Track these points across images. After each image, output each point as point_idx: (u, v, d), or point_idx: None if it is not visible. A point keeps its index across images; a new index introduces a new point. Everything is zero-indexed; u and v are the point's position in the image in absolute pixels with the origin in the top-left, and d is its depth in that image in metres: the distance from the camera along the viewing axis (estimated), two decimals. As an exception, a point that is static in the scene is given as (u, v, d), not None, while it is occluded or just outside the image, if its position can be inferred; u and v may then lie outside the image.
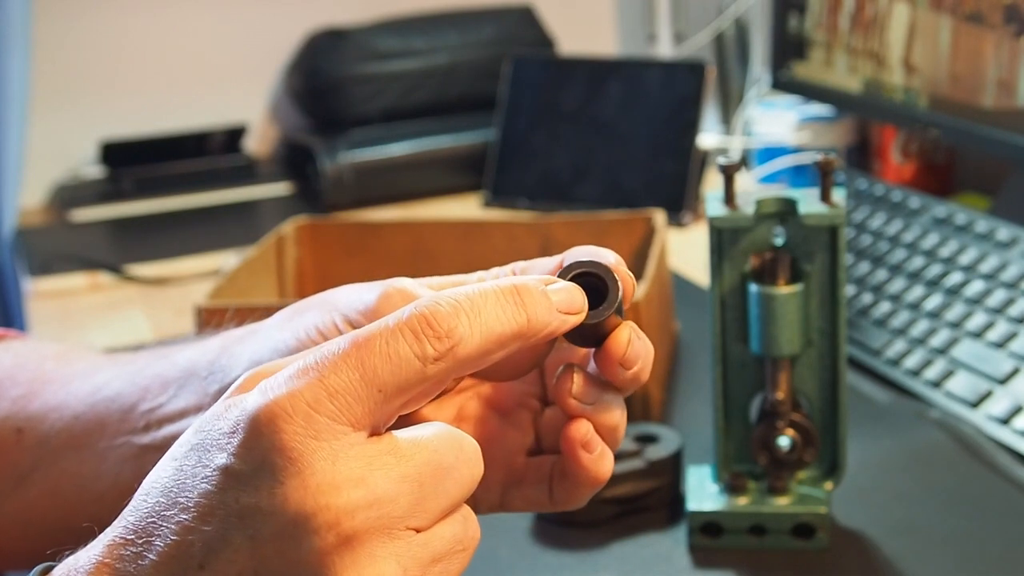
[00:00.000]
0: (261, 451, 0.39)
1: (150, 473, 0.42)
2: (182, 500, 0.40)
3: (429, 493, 0.41)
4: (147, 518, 0.41)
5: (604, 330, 0.48)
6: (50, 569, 0.43)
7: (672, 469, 0.77)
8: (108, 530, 0.42)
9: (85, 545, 0.57)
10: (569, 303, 0.45)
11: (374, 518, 0.40)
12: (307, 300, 0.56)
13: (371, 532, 0.40)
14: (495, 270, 0.53)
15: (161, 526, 0.40)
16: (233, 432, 0.40)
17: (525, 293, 0.44)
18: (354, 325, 0.52)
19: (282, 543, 0.39)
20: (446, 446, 0.42)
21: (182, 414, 0.57)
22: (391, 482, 0.40)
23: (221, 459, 0.40)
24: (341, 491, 0.39)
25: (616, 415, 0.50)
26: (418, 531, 0.41)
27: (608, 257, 0.49)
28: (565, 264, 0.48)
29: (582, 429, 0.49)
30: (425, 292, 0.52)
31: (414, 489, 0.40)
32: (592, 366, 0.50)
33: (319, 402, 0.40)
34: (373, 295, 0.52)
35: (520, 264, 0.52)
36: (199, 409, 0.57)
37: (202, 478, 0.40)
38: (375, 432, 0.41)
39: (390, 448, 0.41)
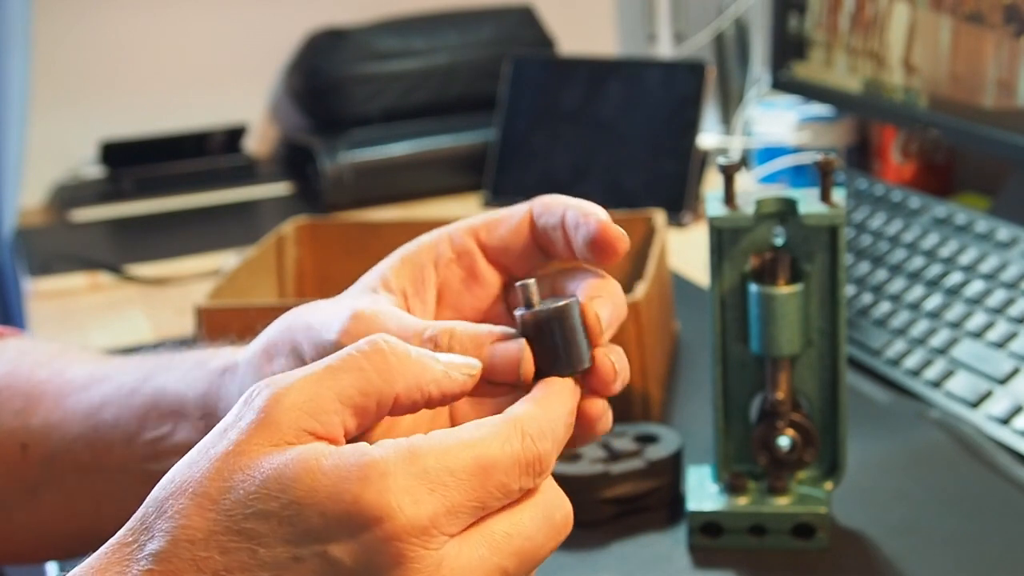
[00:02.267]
0: (370, 548, 0.41)
1: (166, 506, 0.42)
2: (253, 569, 0.41)
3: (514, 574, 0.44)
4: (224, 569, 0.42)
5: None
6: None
7: (672, 469, 0.77)
8: (133, 550, 0.42)
9: (95, 548, 0.57)
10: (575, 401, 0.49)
11: None
12: (278, 334, 0.56)
13: None
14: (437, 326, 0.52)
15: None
16: (343, 516, 0.41)
17: (573, 410, 0.49)
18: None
19: None
20: (536, 530, 0.45)
21: (187, 446, 0.57)
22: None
23: (320, 547, 0.41)
24: None
25: (598, 407, 0.52)
26: None
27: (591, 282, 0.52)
28: (530, 315, 0.49)
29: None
30: (388, 321, 0.52)
31: None
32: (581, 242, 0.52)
33: (437, 517, 0.42)
34: (334, 334, 0.52)
35: (452, 325, 0.52)
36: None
37: (291, 558, 0.41)
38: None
39: (485, 542, 0.44)
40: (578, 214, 0.53)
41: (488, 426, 0.44)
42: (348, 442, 0.44)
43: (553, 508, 0.46)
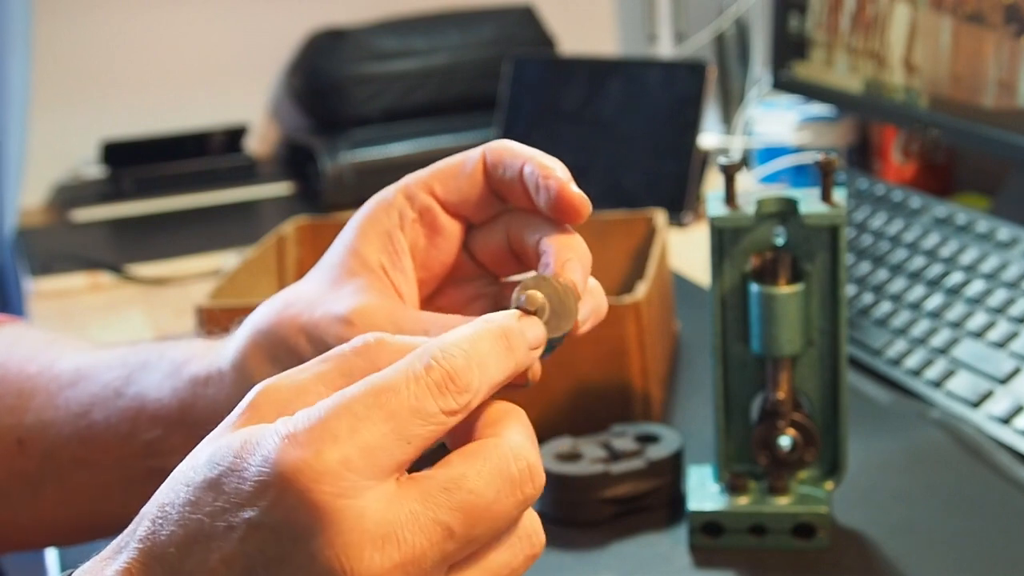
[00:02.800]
0: (288, 507, 0.39)
1: (158, 494, 0.42)
2: (209, 543, 0.40)
3: (463, 540, 0.41)
4: (172, 548, 0.41)
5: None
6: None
7: (672, 469, 0.77)
8: (123, 551, 0.42)
9: (103, 535, 0.57)
10: (538, 339, 0.47)
11: (403, 574, 0.40)
12: (272, 330, 0.56)
13: None
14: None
15: (189, 560, 0.40)
16: (262, 486, 0.40)
17: (512, 338, 0.45)
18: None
19: None
20: (490, 485, 0.41)
21: (184, 447, 0.58)
22: (420, 537, 0.40)
23: (248, 512, 0.40)
24: (368, 552, 0.39)
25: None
26: (454, 568, 0.41)
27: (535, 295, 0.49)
28: (522, 283, 0.49)
29: None
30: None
31: (445, 539, 0.40)
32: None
33: (349, 460, 0.39)
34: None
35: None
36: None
37: (226, 525, 0.40)
38: (400, 476, 0.41)
39: (419, 495, 0.40)
40: (537, 173, 0.52)
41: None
42: None
43: (507, 459, 0.42)
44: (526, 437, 0.43)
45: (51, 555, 0.81)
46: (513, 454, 0.42)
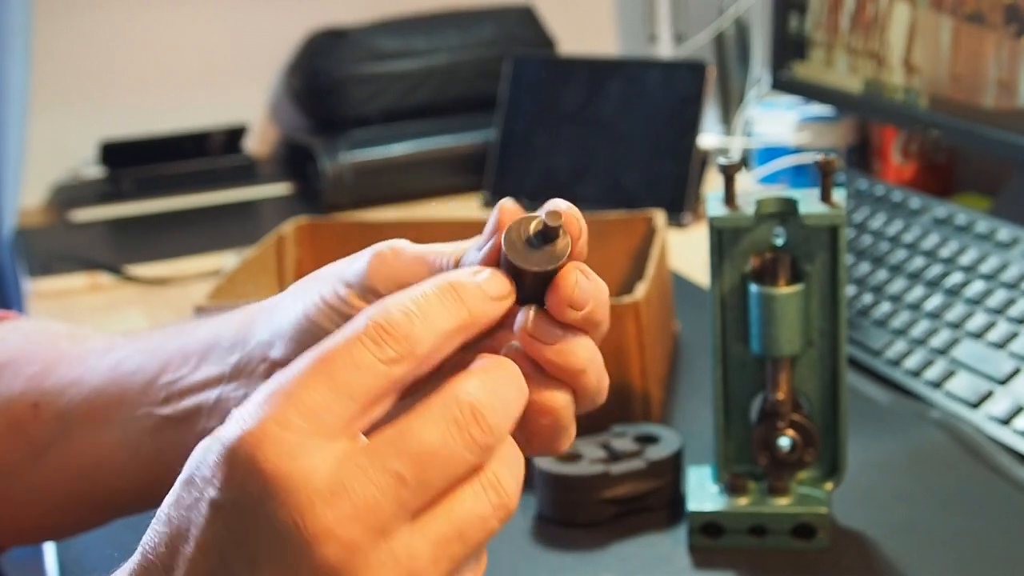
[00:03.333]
0: (241, 480, 0.40)
1: (166, 498, 0.43)
2: (188, 535, 0.41)
3: (416, 485, 0.41)
4: (162, 548, 0.42)
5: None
6: None
7: (672, 469, 0.77)
8: (130, 560, 0.43)
9: (101, 518, 0.58)
10: (498, 289, 0.47)
11: (359, 529, 0.40)
12: (317, 272, 0.57)
13: (361, 541, 0.40)
14: (451, 245, 0.54)
15: (176, 559, 0.41)
16: (215, 465, 0.41)
17: (461, 289, 0.45)
18: (352, 287, 0.54)
19: (279, 568, 0.40)
20: (433, 429, 0.41)
21: (204, 385, 0.58)
22: (371, 488, 0.40)
23: (209, 493, 0.41)
24: (320, 507, 0.39)
25: (581, 357, 0.49)
26: (417, 516, 0.41)
27: (560, 204, 0.49)
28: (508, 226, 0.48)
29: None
30: (416, 250, 0.54)
31: (398, 486, 0.40)
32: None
33: (289, 422, 0.40)
34: (367, 255, 0.54)
35: (464, 244, 0.52)
36: (220, 380, 0.57)
37: (197, 514, 0.41)
38: (354, 440, 0.41)
39: (367, 450, 0.41)
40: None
41: None
42: None
43: (450, 404, 0.42)
44: (481, 383, 0.43)
45: (50, 555, 0.81)
46: (456, 399, 0.42)
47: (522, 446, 0.46)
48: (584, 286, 0.48)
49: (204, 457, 0.41)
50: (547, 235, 0.48)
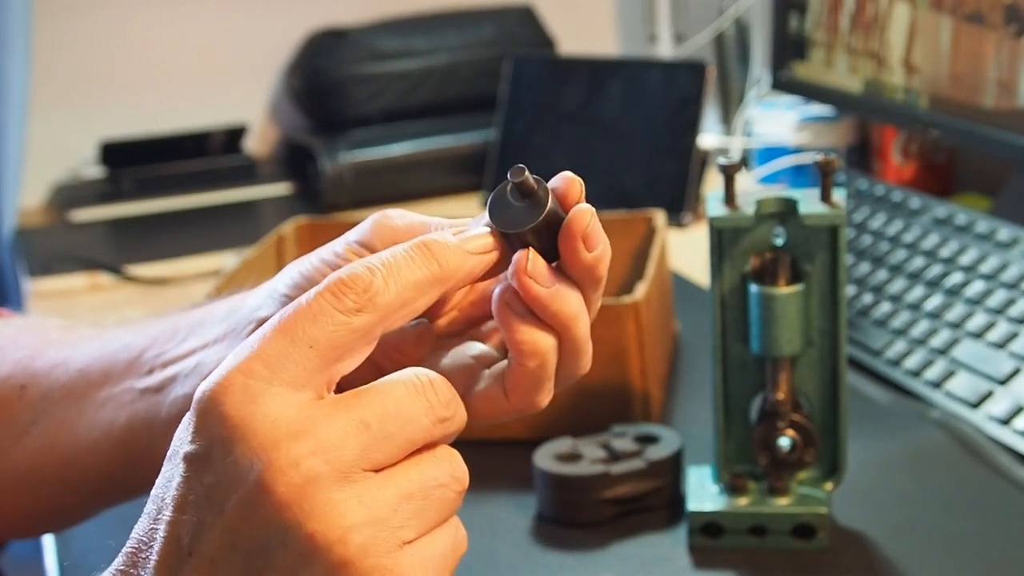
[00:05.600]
0: (209, 429, 0.42)
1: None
2: (167, 499, 0.43)
3: (379, 434, 0.42)
4: (148, 525, 0.43)
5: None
6: None
7: (672, 469, 0.77)
8: (124, 548, 0.45)
9: (84, 505, 0.60)
10: (476, 244, 0.48)
11: (322, 464, 0.41)
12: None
13: (324, 478, 0.41)
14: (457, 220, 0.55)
15: (157, 529, 0.43)
16: (188, 421, 0.43)
17: (431, 244, 0.47)
18: (351, 244, 0.57)
19: (245, 508, 0.41)
20: (396, 388, 0.43)
21: (188, 353, 0.59)
22: (335, 429, 0.42)
23: (185, 449, 0.42)
24: (283, 445, 0.41)
25: (573, 305, 0.50)
26: (378, 471, 0.42)
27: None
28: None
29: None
30: (420, 216, 0.55)
31: (361, 431, 0.42)
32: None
33: (252, 371, 0.42)
34: (373, 216, 0.56)
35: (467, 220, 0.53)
36: (204, 347, 0.58)
37: (176, 473, 0.43)
38: (320, 395, 0.43)
39: (333, 401, 0.43)
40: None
41: None
42: None
43: (411, 372, 0.44)
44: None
45: (50, 556, 0.81)
46: (415, 370, 0.44)
47: (501, 400, 0.49)
48: (597, 225, 0.51)
49: (184, 424, 0.43)
50: (522, 191, 0.49)
